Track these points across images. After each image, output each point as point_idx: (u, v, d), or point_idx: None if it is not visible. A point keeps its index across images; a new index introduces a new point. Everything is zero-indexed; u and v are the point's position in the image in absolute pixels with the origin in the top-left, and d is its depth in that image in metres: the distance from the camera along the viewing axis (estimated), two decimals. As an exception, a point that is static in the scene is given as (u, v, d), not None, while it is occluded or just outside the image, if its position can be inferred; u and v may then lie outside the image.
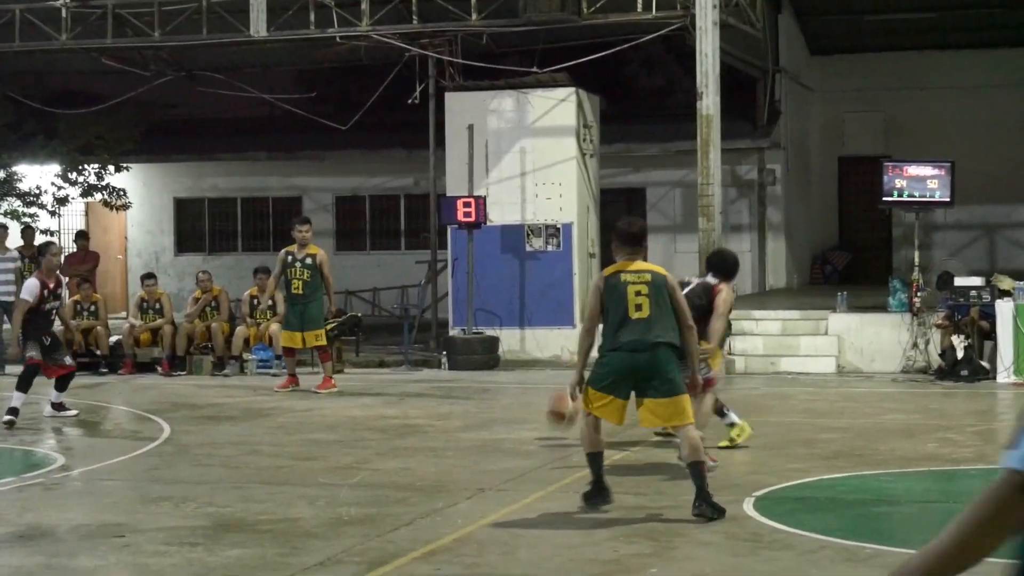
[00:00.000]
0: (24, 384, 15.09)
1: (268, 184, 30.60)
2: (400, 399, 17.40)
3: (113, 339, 20.98)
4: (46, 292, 15.16)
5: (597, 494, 10.05)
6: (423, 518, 9.84)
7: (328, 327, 19.17)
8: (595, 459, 10.10)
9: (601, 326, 9.97)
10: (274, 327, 20.23)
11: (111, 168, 28.79)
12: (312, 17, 21.41)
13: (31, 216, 27.02)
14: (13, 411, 14.88)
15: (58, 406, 15.69)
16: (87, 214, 30.56)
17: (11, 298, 20.17)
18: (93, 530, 9.60)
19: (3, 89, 25.70)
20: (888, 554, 8.47)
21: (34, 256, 22.05)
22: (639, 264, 10.11)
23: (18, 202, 27.87)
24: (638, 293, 9.84)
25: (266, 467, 12.34)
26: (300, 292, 17.98)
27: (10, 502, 10.75)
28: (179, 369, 20.60)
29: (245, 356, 20.63)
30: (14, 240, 21.71)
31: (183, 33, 21.90)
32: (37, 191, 28.19)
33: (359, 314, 23.17)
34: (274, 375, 19.87)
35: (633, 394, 9.89)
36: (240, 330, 20.72)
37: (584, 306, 21.47)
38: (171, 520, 9.89)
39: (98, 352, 20.88)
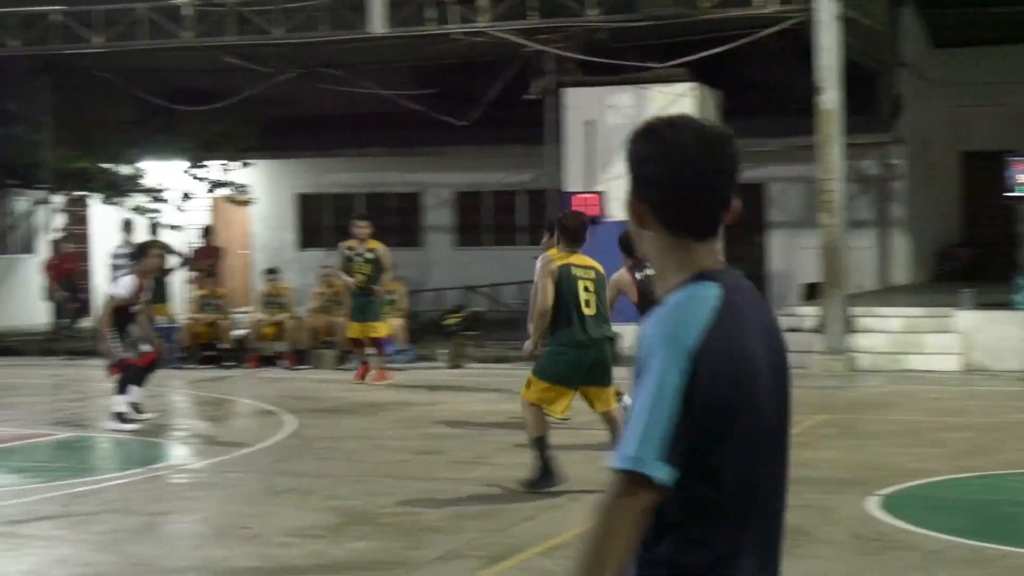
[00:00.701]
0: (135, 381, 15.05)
1: (388, 180, 30.81)
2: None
3: (237, 333, 21.26)
4: (139, 292, 15.01)
5: (544, 478, 10.46)
6: (544, 512, 9.87)
7: (449, 322, 19.30)
8: (541, 442, 10.53)
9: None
10: (396, 322, 20.40)
11: (235, 164, 29.22)
12: (430, 14, 21.52)
13: (157, 212, 27.49)
14: (134, 407, 14.87)
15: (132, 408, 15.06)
16: (212, 209, 31.01)
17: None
18: (219, 521, 9.75)
19: (129, 87, 26.14)
20: (1016, 555, 8.35)
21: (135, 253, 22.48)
22: (582, 258, 10.71)
23: (145, 198, 28.37)
24: (586, 289, 10.45)
25: (388, 461, 12.44)
26: (362, 285, 18.40)
27: (138, 493, 10.95)
28: (302, 363, 20.83)
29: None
30: (141, 235, 22.09)
31: (303, 30, 22.13)
32: (163, 187, 28.69)
33: (479, 309, 23.26)
34: (397, 369, 20.03)
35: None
36: (361, 324, 20.89)
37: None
38: (296, 512, 10.01)
39: (223, 346, 21.17)
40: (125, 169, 28.70)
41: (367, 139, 29.75)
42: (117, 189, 28.34)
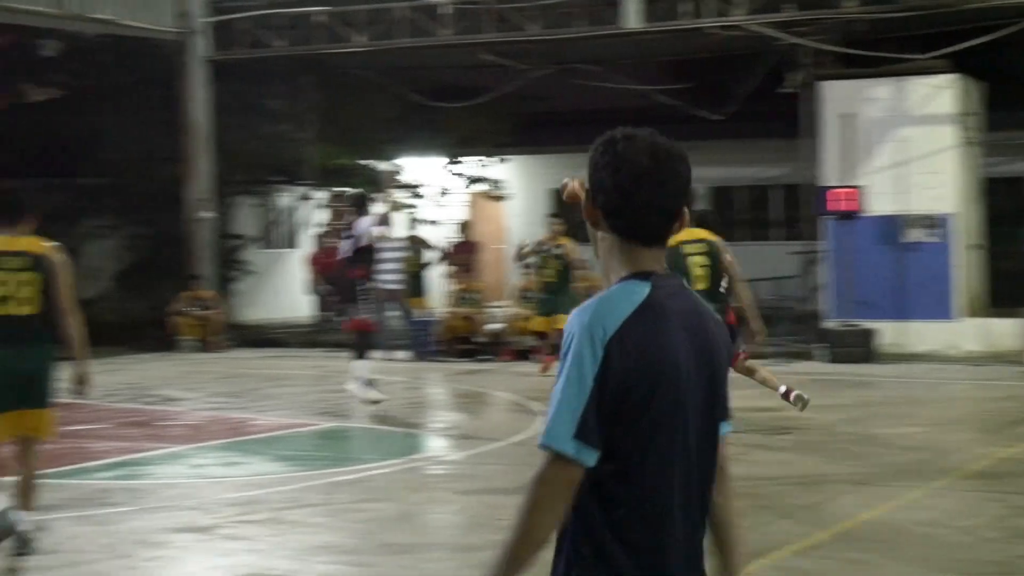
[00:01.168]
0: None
1: (642, 175, 30.84)
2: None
3: (493, 327, 21.53)
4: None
5: None
6: (802, 511, 9.74)
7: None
8: None
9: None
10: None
11: (491, 160, 29.61)
12: (685, 8, 21.42)
13: (414, 207, 28.03)
14: (371, 383, 15.31)
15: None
16: (469, 205, 31.46)
17: (398, 286, 21.02)
18: (475, 512, 9.89)
19: (389, 84, 26.70)
20: None
21: (416, 243, 22.90)
22: (692, 232, 11.14)
23: (403, 193, 28.96)
24: (699, 265, 11.01)
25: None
26: (553, 280, 18.39)
27: (397, 483, 11.18)
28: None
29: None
30: (401, 229, 22.54)
31: (558, 27, 22.27)
32: (422, 183, 29.25)
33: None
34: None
35: None
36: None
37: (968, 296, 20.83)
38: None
39: (479, 340, 21.45)
40: (385, 165, 29.33)
41: (621, 134, 29.77)
42: (376, 184, 28.99)
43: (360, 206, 15.72)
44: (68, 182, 27.66)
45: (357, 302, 15.31)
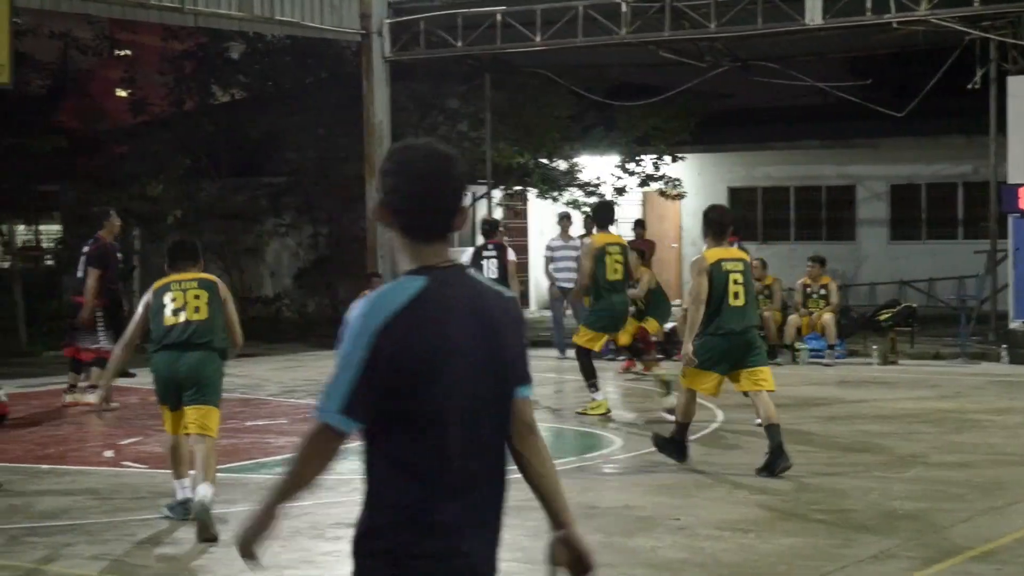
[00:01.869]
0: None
1: (821, 172, 30.43)
2: (956, 392, 16.88)
3: (667, 326, 21.42)
4: None
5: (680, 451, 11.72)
6: (981, 515, 9.54)
7: (882, 317, 18.86)
8: (684, 429, 11.75)
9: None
10: (826, 316, 20.14)
11: (667, 158, 29.50)
12: (868, 3, 21.07)
13: (591, 206, 28.05)
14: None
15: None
16: (644, 203, 31.39)
17: (572, 284, 21.00)
18: (649, 511, 9.86)
19: (566, 83, 26.76)
20: None
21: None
22: (730, 251, 11.85)
23: (579, 192, 29.00)
24: (735, 281, 11.39)
25: (818, 457, 12.29)
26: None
27: (571, 481, 11.18)
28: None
29: (797, 345, 20.59)
30: (577, 229, 22.54)
31: (738, 24, 22.07)
32: (597, 181, 29.25)
33: (913, 304, 22.65)
34: (826, 364, 19.77)
35: None
36: (792, 319, 20.70)
37: None
38: (724, 506, 10.03)
39: (653, 338, 21.35)
40: (561, 164, 29.42)
41: (800, 131, 29.46)
42: (553, 183, 29.08)
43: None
44: (251, 181, 28.29)
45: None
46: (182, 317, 9.47)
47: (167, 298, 9.60)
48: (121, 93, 32.52)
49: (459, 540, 3.70)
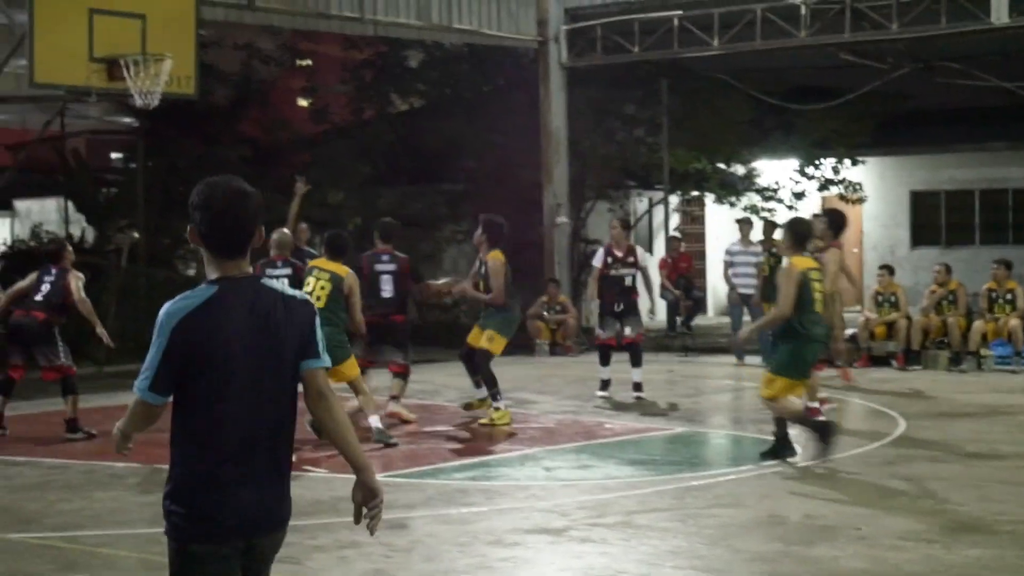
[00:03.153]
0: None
1: (1008, 175, 29.70)
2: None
3: (848, 332, 21.11)
4: (610, 259, 16.96)
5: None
6: None
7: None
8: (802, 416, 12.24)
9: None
10: (1013, 322, 19.66)
11: (847, 162, 29.06)
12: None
13: (769, 211, 27.76)
14: (605, 384, 16.96)
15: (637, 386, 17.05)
16: (823, 208, 30.97)
17: (752, 291, 20.84)
18: (830, 520, 9.71)
19: (744, 87, 26.53)
20: None
21: (771, 247, 22.65)
22: (809, 260, 12.23)
23: (758, 197, 28.72)
24: (817, 289, 12.02)
25: (1005, 466, 11.99)
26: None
27: (749, 489, 11.08)
28: (914, 363, 20.41)
29: (982, 352, 20.12)
30: (756, 234, 22.35)
31: (920, 24, 21.65)
32: (775, 186, 28.94)
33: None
34: (1013, 371, 19.29)
35: None
36: (977, 325, 20.24)
37: None
38: (907, 515, 9.83)
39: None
40: (739, 168, 29.16)
41: (986, 133, 28.81)
42: (731, 188, 28.85)
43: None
44: (429, 189, 28.55)
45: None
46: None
47: (308, 279, 12.98)
48: (303, 102, 33.12)
49: (235, 493, 4.55)
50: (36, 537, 9.51)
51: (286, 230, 14.85)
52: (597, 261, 17.36)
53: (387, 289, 14.69)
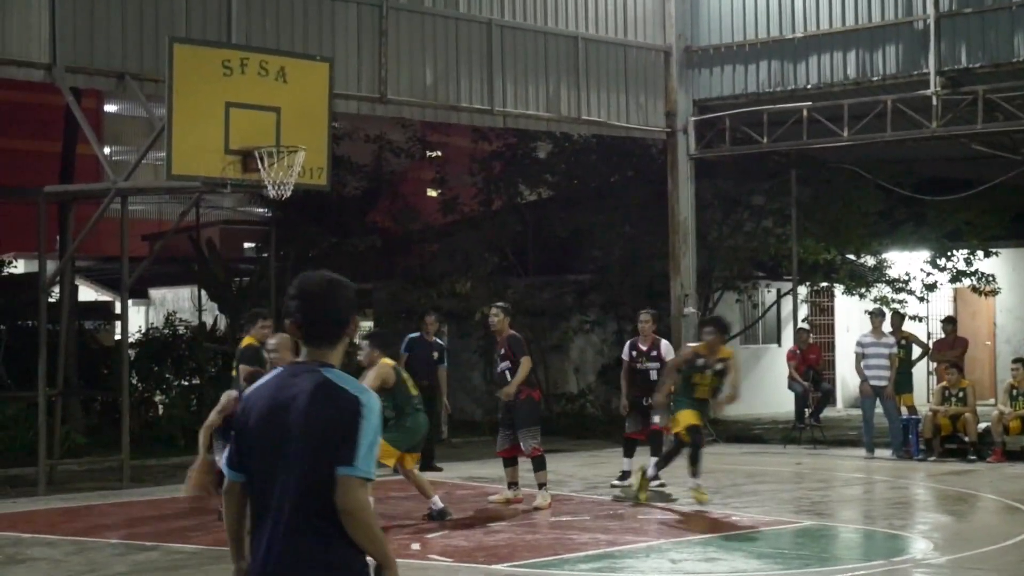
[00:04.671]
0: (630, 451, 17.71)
1: None
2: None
3: (982, 426, 20.74)
4: (634, 353, 17.54)
5: None
6: None
7: None
8: None
9: None
10: None
11: (979, 253, 28.68)
12: None
13: (900, 302, 27.46)
14: (625, 475, 17.25)
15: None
16: (955, 299, 30.55)
17: (884, 383, 20.60)
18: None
19: (874, 177, 26.36)
20: None
21: (904, 339, 22.39)
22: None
23: (888, 288, 28.42)
24: None
25: None
26: None
27: (879, 585, 10.90)
28: (1050, 459, 19.97)
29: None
30: (887, 325, 22.10)
31: (1054, 114, 21.37)
32: (906, 277, 28.63)
33: None
34: None
35: None
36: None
37: None
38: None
39: (966, 439, 20.71)
40: (869, 260, 28.91)
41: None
42: (861, 280, 28.59)
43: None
44: (557, 279, 28.67)
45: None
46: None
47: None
48: (432, 193, 33.51)
49: (258, 551, 4.67)
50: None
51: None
52: (625, 355, 18.04)
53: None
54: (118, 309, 24.34)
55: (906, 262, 29.16)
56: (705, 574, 11.55)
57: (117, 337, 24.74)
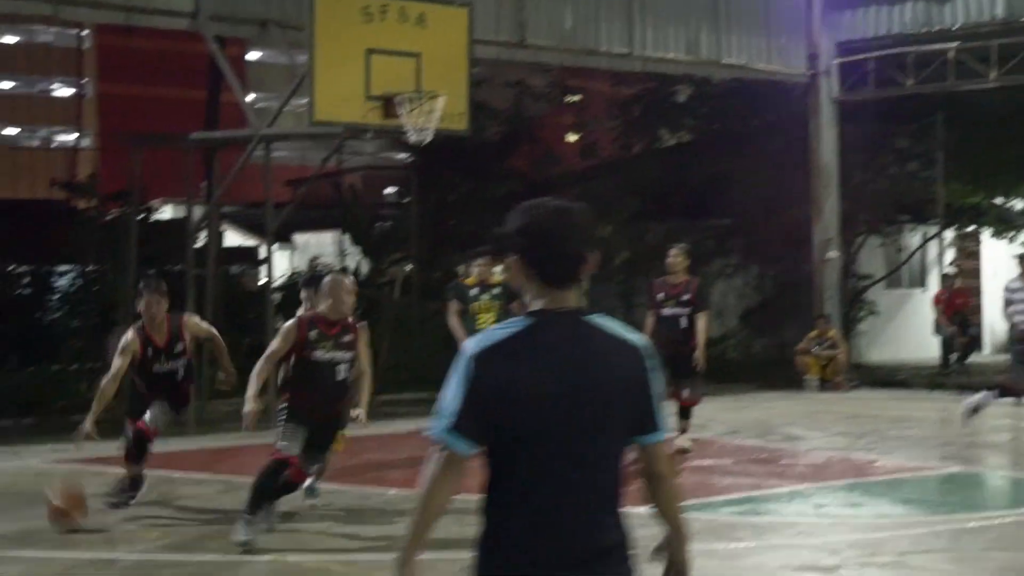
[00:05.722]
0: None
1: None
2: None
3: None
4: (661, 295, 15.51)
5: None
6: None
7: None
8: None
9: None
10: None
11: None
12: None
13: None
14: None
15: None
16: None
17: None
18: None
19: (1021, 120, 25.77)
20: None
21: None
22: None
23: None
24: None
25: None
26: None
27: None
28: None
29: None
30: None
31: None
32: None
33: None
34: None
35: None
36: None
37: None
38: None
39: None
40: (1018, 203, 28.32)
41: None
42: (1009, 223, 28.02)
43: None
44: (697, 223, 28.47)
45: None
46: None
47: None
48: (571, 138, 33.47)
49: (537, 539, 3.84)
50: (313, 559, 9.81)
51: None
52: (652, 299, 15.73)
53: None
54: (263, 254, 24.74)
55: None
56: (849, 519, 11.46)
57: (262, 281, 25.12)
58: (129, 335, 11.43)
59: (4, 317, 24.40)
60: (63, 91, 65.74)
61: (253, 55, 54.79)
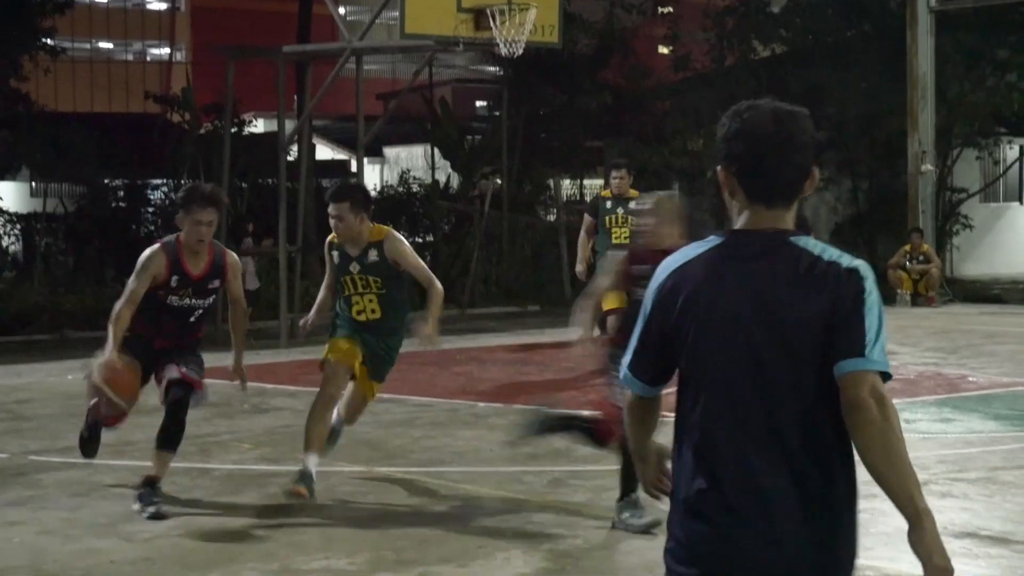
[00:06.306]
0: None
1: None
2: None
3: None
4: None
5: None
6: None
7: None
8: None
9: None
10: None
11: None
12: None
13: None
14: None
15: None
16: None
17: None
18: None
19: None
20: None
21: None
22: None
23: None
24: None
25: None
26: None
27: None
28: None
29: None
30: None
31: None
32: None
33: None
34: None
35: None
36: None
37: None
38: None
39: None
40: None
41: None
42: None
43: None
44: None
45: None
46: None
47: None
48: (664, 50, 33.16)
49: (723, 534, 3.42)
50: (401, 471, 9.92)
51: None
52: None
53: None
54: (354, 167, 24.83)
55: None
56: (939, 435, 11.39)
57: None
58: (155, 253, 8.71)
59: (101, 231, 24.77)
60: (157, 5, 66.16)
61: (345, -32, 54.76)
